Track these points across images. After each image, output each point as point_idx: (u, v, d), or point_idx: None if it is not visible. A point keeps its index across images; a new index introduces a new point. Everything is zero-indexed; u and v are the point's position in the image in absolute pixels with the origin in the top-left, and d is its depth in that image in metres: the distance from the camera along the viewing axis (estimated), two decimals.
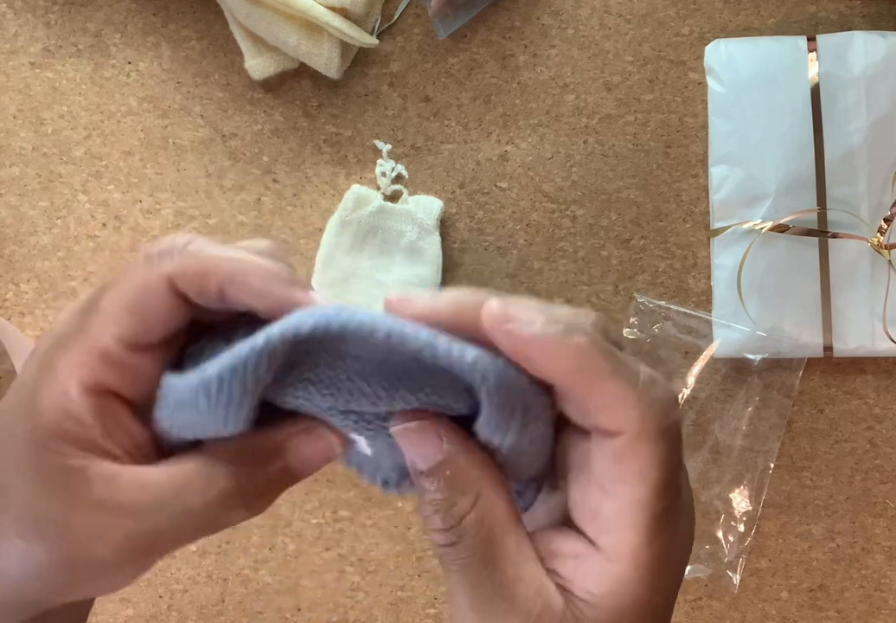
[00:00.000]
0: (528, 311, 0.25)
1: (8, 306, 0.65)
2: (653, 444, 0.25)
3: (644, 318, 0.63)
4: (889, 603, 0.63)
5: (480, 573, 0.26)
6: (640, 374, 0.25)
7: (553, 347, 0.24)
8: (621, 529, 0.26)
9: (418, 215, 0.63)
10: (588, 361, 0.24)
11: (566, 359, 0.24)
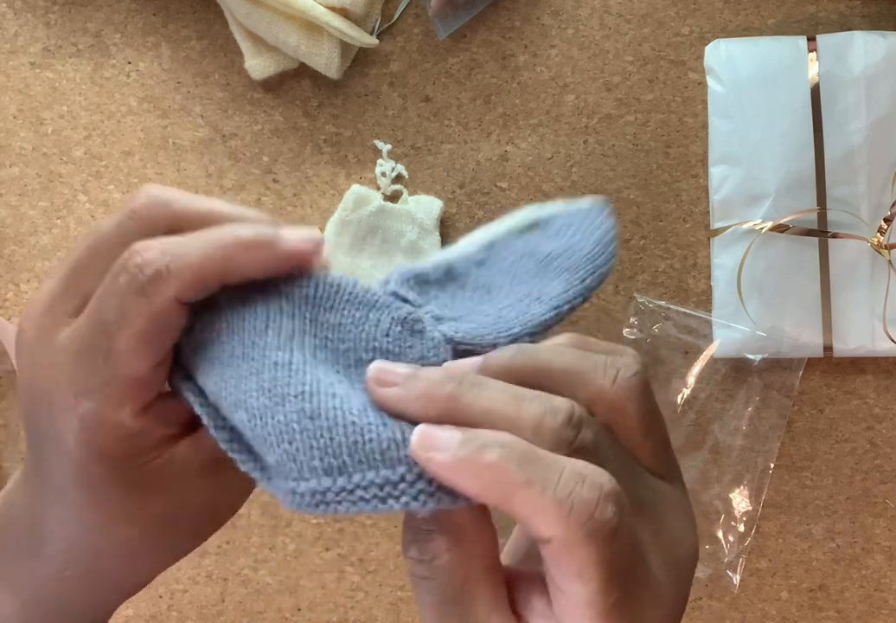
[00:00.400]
0: (447, 436, 0.25)
1: (8, 306, 0.65)
2: (582, 549, 0.24)
3: (644, 318, 0.63)
4: (889, 603, 0.63)
5: (450, 613, 0.26)
6: (561, 477, 0.24)
7: (459, 470, 0.25)
8: (575, 618, 0.26)
9: (418, 215, 0.63)
10: (500, 478, 0.24)
11: (478, 480, 0.25)
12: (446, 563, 0.26)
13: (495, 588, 0.27)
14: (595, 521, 0.24)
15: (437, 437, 0.25)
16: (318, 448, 0.25)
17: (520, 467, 0.24)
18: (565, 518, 0.24)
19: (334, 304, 0.29)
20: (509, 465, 0.24)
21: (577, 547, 0.24)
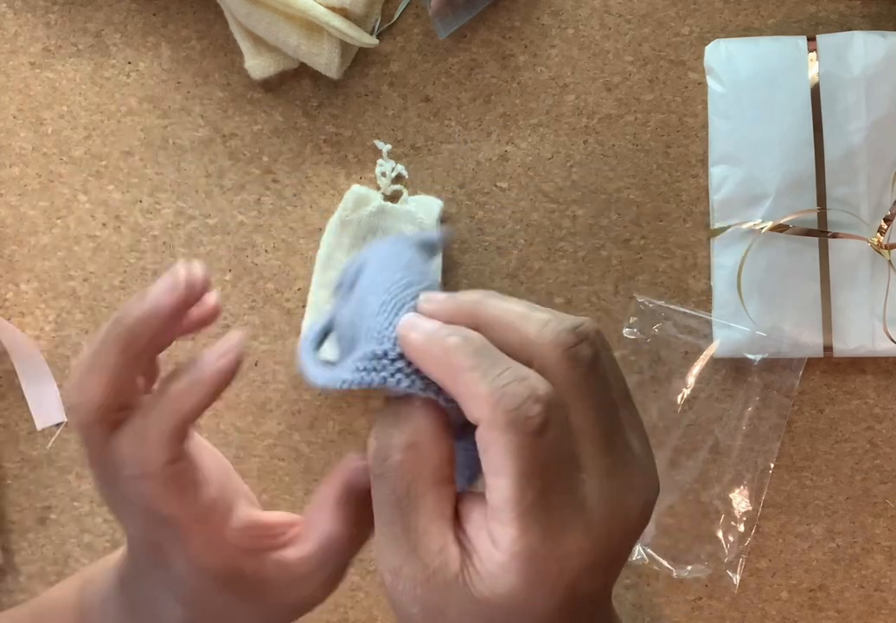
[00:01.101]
0: (427, 323, 0.28)
1: (8, 306, 0.65)
2: (501, 434, 0.26)
3: (644, 318, 0.63)
4: (889, 603, 0.63)
5: (392, 515, 0.28)
6: (503, 372, 0.27)
7: (425, 349, 0.28)
8: (497, 520, 0.27)
9: (418, 215, 0.63)
10: (451, 359, 0.27)
11: (434, 358, 0.28)
12: (397, 463, 0.28)
13: (441, 501, 0.28)
14: (520, 412, 0.26)
15: (419, 322, 0.29)
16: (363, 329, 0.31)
17: (471, 355, 0.27)
18: (494, 403, 0.26)
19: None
20: (464, 350, 0.27)
21: (496, 433, 0.26)
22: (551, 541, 0.26)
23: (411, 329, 0.28)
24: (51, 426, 0.65)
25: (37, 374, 0.65)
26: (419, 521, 0.28)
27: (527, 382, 0.26)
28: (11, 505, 0.65)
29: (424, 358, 0.28)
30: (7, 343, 0.65)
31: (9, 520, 0.65)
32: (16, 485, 0.65)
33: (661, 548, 0.62)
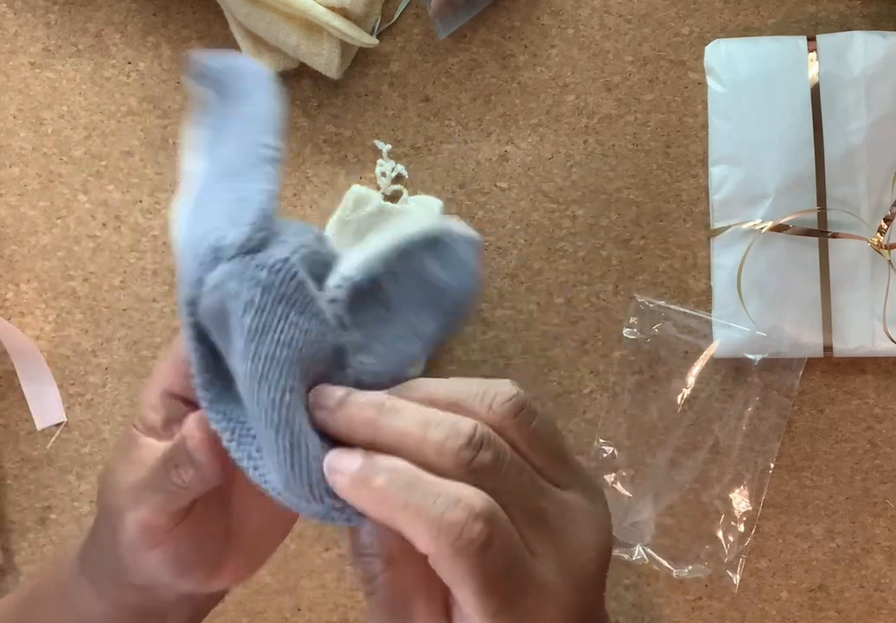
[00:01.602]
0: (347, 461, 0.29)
1: (8, 306, 0.65)
2: (451, 564, 0.27)
3: (644, 318, 0.63)
4: (889, 603, 0.63)
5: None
6: (436, 501, 0.27)
7: (357, 492, 0.29)
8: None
9: (418, 215, 0.62)
10: (384, 500, 0.28)
11: (369, 500, 0.29)
12: (383, 581, 0.30)
13: (431, 600, 0.30)
14: (463, 540, 0.27)
15: (341, 461, 0.29)
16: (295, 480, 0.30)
17: (401, 491, 0.28)
18: (435, 538, 0.27)
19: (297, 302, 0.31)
20: (392, 488, 0.28)
21: (447, 562, 0.27)
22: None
23: (335, 473, 0.29)
24: (51, 426, 0.65)
25: (37, 374, 0.65)
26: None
27: (462, 504, 0.27)
28: (11, 505, 0.65)
29: (357, 501, 0.29)
30: (7, 343, 0.65)
31: (9, 520, 0.65)
32: (16, 485, 0.65)
33: (661, 548, 0.62)
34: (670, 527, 0.63)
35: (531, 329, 0.64)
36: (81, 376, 0.65)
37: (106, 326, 0.65)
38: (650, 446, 0.63)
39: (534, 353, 0.64)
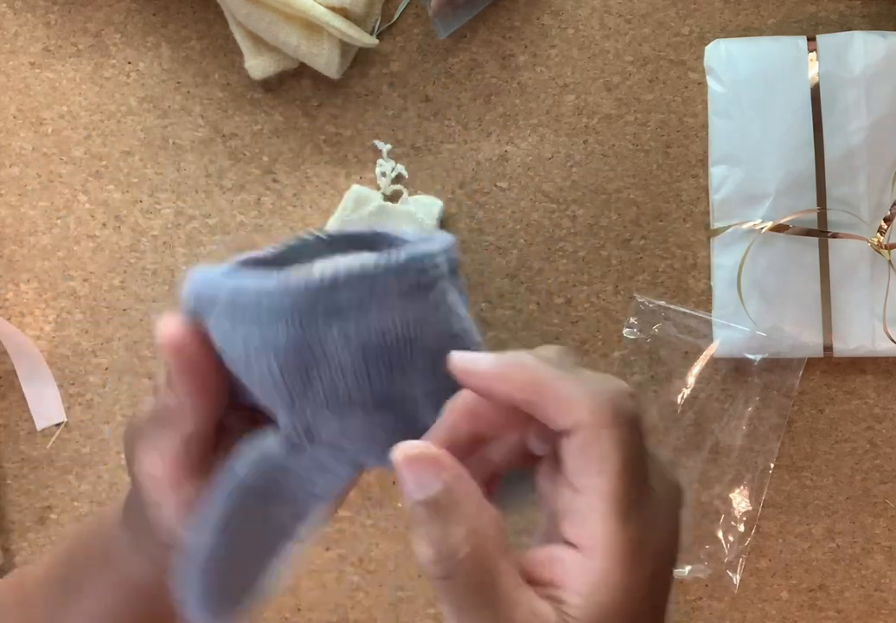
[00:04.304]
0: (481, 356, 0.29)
1: (8, 306, 0.65)
2: (608, 430, 0.27)
3: (644, 318, 0.63)
4: (889, 603, 0.63)
5: (477, 603, 0.27)
6: (589, 376, 0.28)
7: (503, 371, 0.28)
8: (594, 522, 0.27)
9: (418, 215, 0.63)
10: (536, 373, 0.28)
11: (517, 377, 0.28)
12: (467, 554, 0.27)
13: (511, 568, 0.28)
14: (622, 407, 0.27)
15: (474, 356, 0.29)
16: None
17: (551, 366, 0.28)
18: (595, 402, 0.27)
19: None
20: (545, 364, 0.28)
21: (601, 428, 0.27)
22: (649, 529, 0.27)
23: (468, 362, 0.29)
24: (51, 426, 0.65)
25: (37, 374, 0.65)
26: (503, 599, 0.27)
27: (614, 380, 0.28)
28: (11, 505, 0.65)
29: (500, 382, 0.28)
30: (7, 343, 0.65)
31: (9, 520, 0.65)
32: (16, 485, 0.65)
33: None
34: None
35: (531, 329, 0.64)
36: (81, 376, 0.65)
37: (106, 326, 0.65)
38: None
39: None
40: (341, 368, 0.29)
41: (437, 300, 0.30)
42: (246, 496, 0.31)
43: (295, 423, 0.30)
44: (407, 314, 0.29)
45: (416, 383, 0.30)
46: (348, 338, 0.28)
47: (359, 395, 0.29)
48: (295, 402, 0.29)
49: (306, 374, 0.29)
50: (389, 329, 0.29)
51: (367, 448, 0.30)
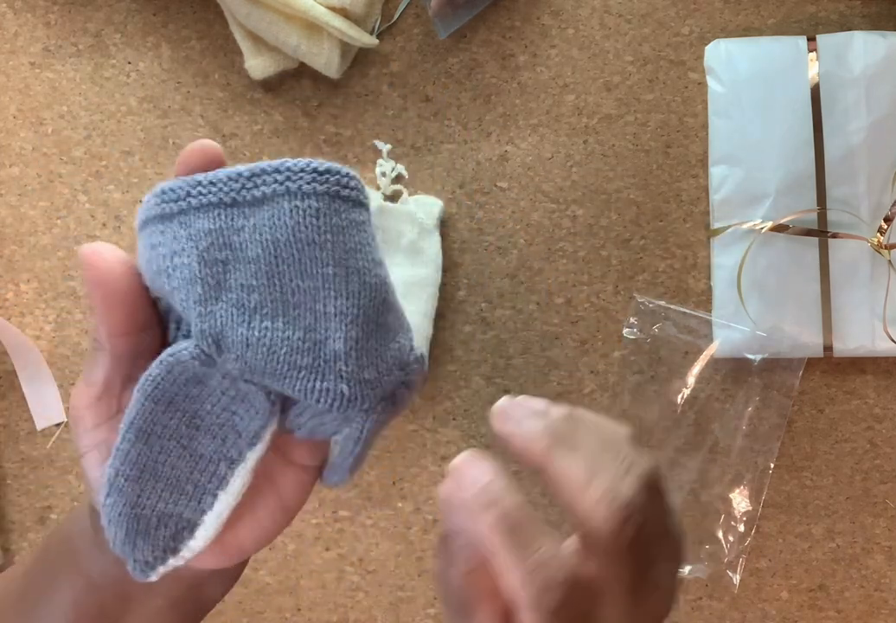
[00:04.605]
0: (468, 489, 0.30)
1: (8, 306, 0.65)
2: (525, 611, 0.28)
3: (644, 318, 0.63)
4: (889, 603, 0.63)
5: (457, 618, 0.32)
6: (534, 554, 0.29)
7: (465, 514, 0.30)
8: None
9: (418, 215, 0.63)
10: (486, 536, 0.29)
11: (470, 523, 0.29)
12: (459, 582, 0.31)
13: (494, 611, 0.31)
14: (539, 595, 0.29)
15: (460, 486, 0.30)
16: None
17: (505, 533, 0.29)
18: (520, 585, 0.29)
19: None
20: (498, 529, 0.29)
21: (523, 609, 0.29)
22: None
23: (453, 492, 0.30)
24: (51, 426, 0.65)
25: (37, 374, 0.65)
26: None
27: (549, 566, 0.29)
28: (11, 505, 0.65)
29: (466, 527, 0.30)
30: (7, 343, 0.65)
31: (9, 520, 0.65)
32: (16, 485, 0.65)
33: None
34: None
35: (531, 329, 0.64)
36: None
37: None
38: (650, 446, 0.63)
39: (534, 353, 0.64)
40: (252, 263, 0.30)
41: (355, 220, 0.31)
42: (158, 402, 0.32)
43: (205, 328, 0.31)
44: (321, 218, 0.30)
45: (327, 299, 0.30)
46: (262, 229, 0.30)
47: (269, 299, 0.30)
48: (207, 304, 0.31)
49: (221, 269, 0.31)
50: (301, 227, 0.30)
51: (274, 370, 0.31)
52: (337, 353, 0.30)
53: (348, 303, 0.30)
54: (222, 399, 0.32)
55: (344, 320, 0.30)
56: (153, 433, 0.32)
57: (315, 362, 0.30)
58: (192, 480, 0.33)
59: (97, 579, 0.37)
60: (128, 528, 0.32)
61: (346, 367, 0.30)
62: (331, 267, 0.30)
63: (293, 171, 0.31)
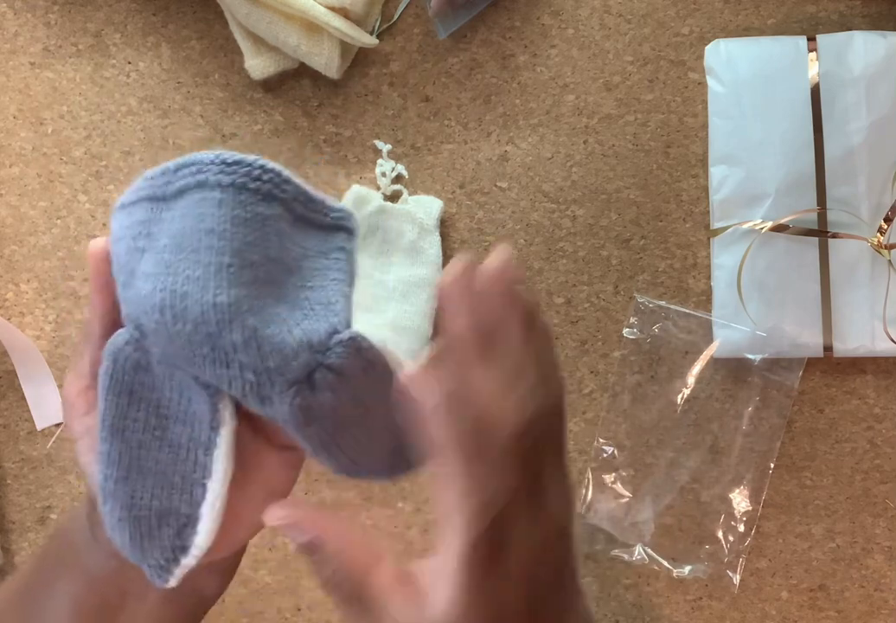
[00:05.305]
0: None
1: (8, 306, 0.65)
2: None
3: (644, 318, 0.63)
4: (889, 603, 0.63)
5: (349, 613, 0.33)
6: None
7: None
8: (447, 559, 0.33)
9: (418, 215, 0.63)
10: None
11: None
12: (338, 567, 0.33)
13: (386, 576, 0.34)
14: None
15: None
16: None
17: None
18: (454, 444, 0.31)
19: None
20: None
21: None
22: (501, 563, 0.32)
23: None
24: (51, 426, 0.65)
25: (37, 374, 0.65)
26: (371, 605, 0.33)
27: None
28: (11, 505, 0.65)
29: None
30: (7, 343, 0.65)
31: (9, 520, 0.65)
32: (16, 485, 0.65)
33: (661, 548, 0.62)
34: (670, 527, 0.63)
35: None
36: None
37: None
38: (650, 446, 0.63)
39: None
40: (158, 252, 0.31)
41: (261, 213, 0.32)
42: (120, 395, 0.32)
43: (127, 313, 0.32)
44: (222, 208, 0.31)
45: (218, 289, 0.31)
46: (173, 219, 0.32)
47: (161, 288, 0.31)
48: (126, 289, 0.32)
49: (139, 257, 0.32)
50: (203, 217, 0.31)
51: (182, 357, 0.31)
52: (234, 343, 0.30)
53: (243, 292, 0.30)
54: (173, 385, 0.32)
55: (239, 310, 0.30)
56: (126, 428, 0.32)
57: (214, 352, 0.30)
58: (178, 472, 0.33)
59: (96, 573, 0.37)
60: (131, 532, 0.32)
61: (246, 357, 0.30)
62: (227, 256, 0.30)
63: (204, 164, 0.32)
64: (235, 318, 0.30)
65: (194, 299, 0.30)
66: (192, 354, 0.30)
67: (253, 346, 0.30)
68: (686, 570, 0.62)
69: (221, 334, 0.30)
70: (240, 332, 0.30)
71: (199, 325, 0.30)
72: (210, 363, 0.30)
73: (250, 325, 0.30)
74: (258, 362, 0.30)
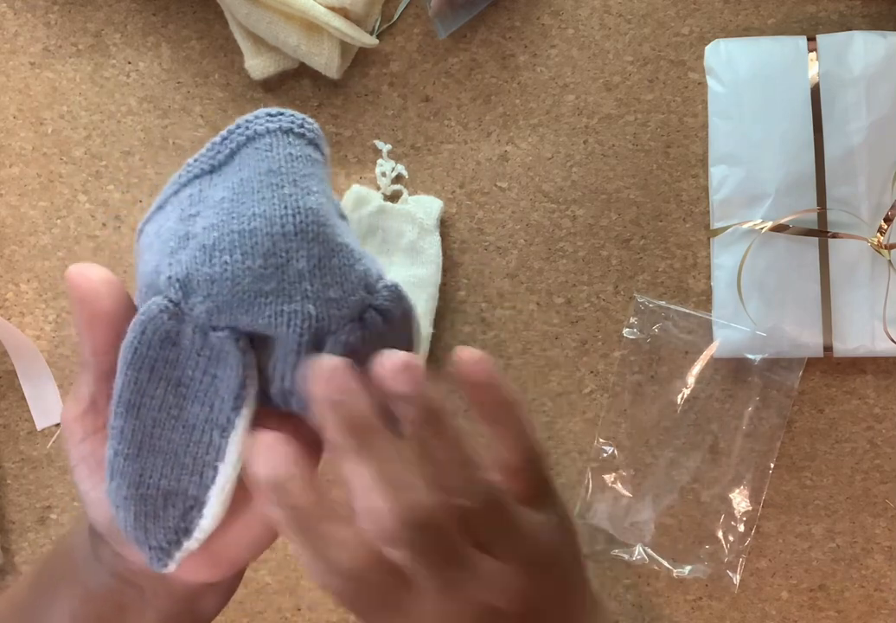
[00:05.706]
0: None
1: (8, 306, 0.65)
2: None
3: (644, 318, 0.63)
4: (889, 603, 0.63)
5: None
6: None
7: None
8: None
9: (418, 215, 0.63)
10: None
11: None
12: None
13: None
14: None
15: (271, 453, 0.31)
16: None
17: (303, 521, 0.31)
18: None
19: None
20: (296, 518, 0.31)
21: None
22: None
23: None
24: (51, 426, 0.65)
25: (37, 374, 0.65)
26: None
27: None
28: (11, 505, 0.65)
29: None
30: (7, 343, 0.65)
31: (9, 520, 0.65)
32: (16, 485, 0.65)
33: (661, 548, 0.62)
34: (670, 527, 0.63)
35: (531, 329, 0.64)
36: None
37: None
38: (650, 446, 0.63)
39: (534, 353, 0.64)
40: (216, 205, 0.31)
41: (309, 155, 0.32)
42: (140, 370, 0.32)
43: (172, 274, 0.31)
44: (274, 149, 0.32)
45: (285, 218, 0.31)
46: (229, 175, 0.32)
47: (226, 233, 0.31)
48: (175, 254, 0.32)
49: (193, 221, 0.32)
50: (258, 161, 0.31)
51: (241, 302, 0.31)
52: (301, 272, 0.30)
53: (308, 220, 0.31)
54: (199, 361, 0.32)
55: (305, 238, 0.31)
56: (142, 405, 0.32)
57: (280, 285, 0.30)
58: (189, 453, 0.32)
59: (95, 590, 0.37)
60: (136, 510, 0.32)
61: (310, 286, 0.31)
62: (287, 187, 0.31)
63: (249, 121, 0.32)
64: (302, 246, 0.31)
65: (263, 233, 0.30)
66: (255, 296, 0.31)
67: (317, 275, 0.31)
68: (686, 570, 0.62)
69: (289, 263, 0.30)
70: (305, 260, 0.31)
71: (269, 258, 0.30)
72: (273, 299, 0.31)
73: (316, 253, 0.31)
74: (320, 291, 0.31)
